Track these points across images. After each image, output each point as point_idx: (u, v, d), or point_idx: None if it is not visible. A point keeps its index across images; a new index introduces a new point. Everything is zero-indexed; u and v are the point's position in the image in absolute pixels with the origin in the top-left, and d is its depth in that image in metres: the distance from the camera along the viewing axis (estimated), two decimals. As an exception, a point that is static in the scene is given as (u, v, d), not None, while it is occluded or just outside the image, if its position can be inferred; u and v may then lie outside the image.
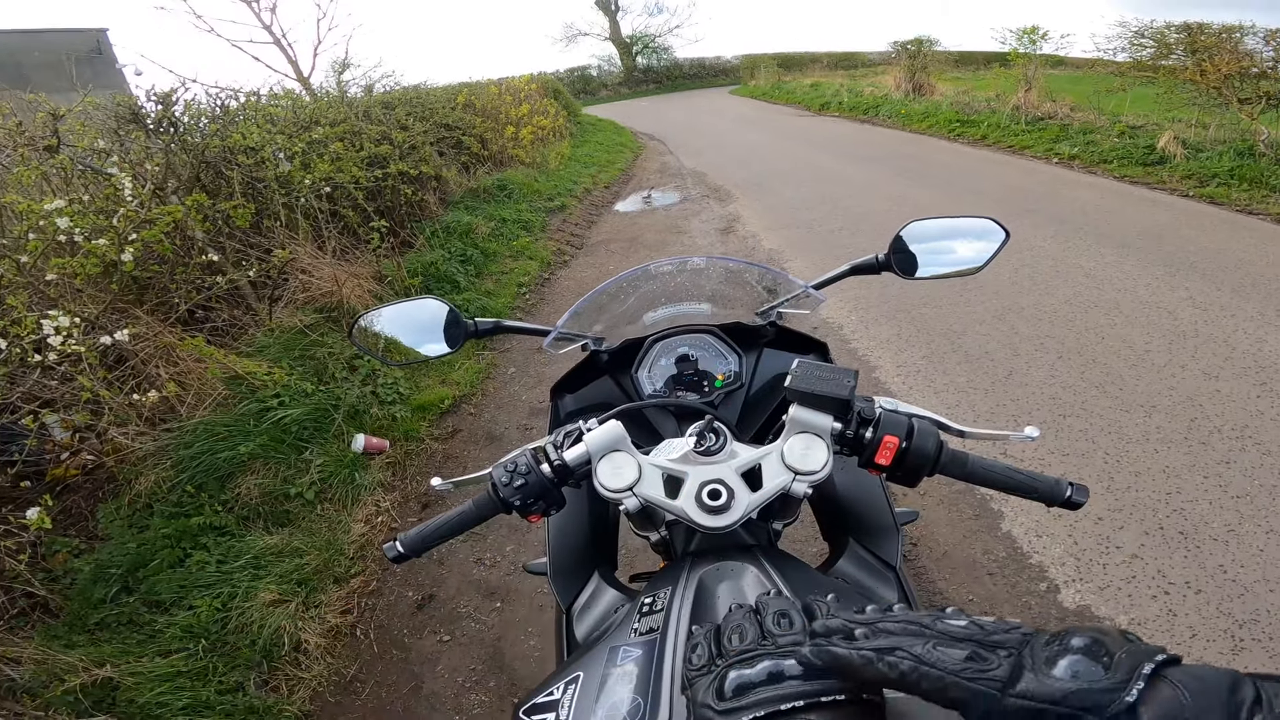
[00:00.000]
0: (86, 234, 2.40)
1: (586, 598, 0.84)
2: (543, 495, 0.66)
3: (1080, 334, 2.99)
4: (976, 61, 16.67)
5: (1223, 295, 3.22)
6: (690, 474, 0.66)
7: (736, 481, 0.64)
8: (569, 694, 0.54)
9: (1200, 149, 5.91)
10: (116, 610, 1.97)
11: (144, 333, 2.64)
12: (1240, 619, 1.62)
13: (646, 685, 0.51)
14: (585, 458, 0.67)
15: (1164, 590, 1.72)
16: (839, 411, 0.64)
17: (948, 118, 9.19)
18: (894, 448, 0.63)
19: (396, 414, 2.83)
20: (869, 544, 0.84)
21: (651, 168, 8.65)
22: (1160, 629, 1.62)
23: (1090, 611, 1.69)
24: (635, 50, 28.61)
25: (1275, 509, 1.93)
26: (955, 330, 3.13)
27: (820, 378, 0.64)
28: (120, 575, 2.07)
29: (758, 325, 1.01)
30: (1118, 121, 7.22)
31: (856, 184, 6.40)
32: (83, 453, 2.41)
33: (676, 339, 1.01)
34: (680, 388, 0.98)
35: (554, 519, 0.92)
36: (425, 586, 2.09)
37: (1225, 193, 4.95)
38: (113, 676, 1.70)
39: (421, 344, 0.93)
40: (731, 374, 0.98)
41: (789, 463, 0.64)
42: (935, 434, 0.64)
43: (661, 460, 0.68)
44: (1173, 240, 4.05)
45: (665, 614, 0.58)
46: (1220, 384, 2.52)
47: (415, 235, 4.74)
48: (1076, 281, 3.53)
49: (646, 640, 0.56)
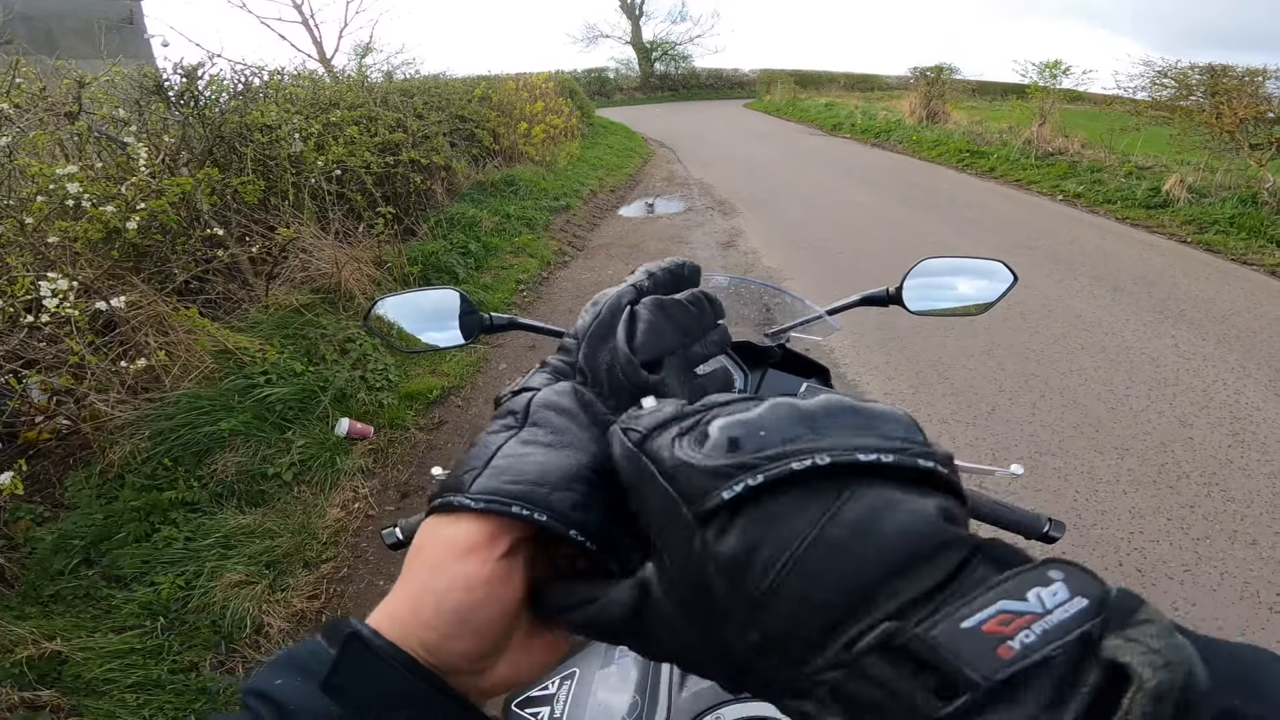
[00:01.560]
0: (94, 200, 2.42)
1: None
2: None
3: (1064, 375, 3.02)
4: (994, 92, 16.77)
5: (1206, 345, 3.26)
6: None
7: None
8: (564, 689, 0.56)
9: (1204, 194, 5.94)
10: (74, 583, 1.94)
11: (138, 301, 2.64)
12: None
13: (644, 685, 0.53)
14: None
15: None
16: None
17: (958, 147, 9.24)
18: None
19: (384, 400, 2.85)
20: None
21: (659, 175, 8.70)
22: None
23: None
24: (654, 56, 28.74)
25: (1231, 553, 1.97)
26: (944, 362, 3.16)
27: None
28: (83, 547, 2.04)
29: (767, 346, 1.03)
30: (1127, 161, 7.26)
31: (862, 208, 6.45)
32: (58, 417, 2.39)
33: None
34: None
35: None
36: (397, 575, 2.10)
37: (1223, 240, 5.00)
38: (62, 650, 1.67)
39: (434, 333, 0.93)
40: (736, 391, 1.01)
41: None
42: None
43: None
44: (1165, 286, 4.09)
45: None
46: (1194, 432, 2.56)
47: (419, 224, 4.77)
48: (1066, 322, 3.57)
49: None
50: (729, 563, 0.21)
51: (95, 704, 1.58)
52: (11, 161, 2.44)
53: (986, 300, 0.98)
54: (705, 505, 0.22)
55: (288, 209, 3.66)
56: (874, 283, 1.02)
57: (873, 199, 6.81)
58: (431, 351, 0.99)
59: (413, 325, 0.95)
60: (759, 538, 0.21)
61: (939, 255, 0.99)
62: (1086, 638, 0.18)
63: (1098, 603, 0.18)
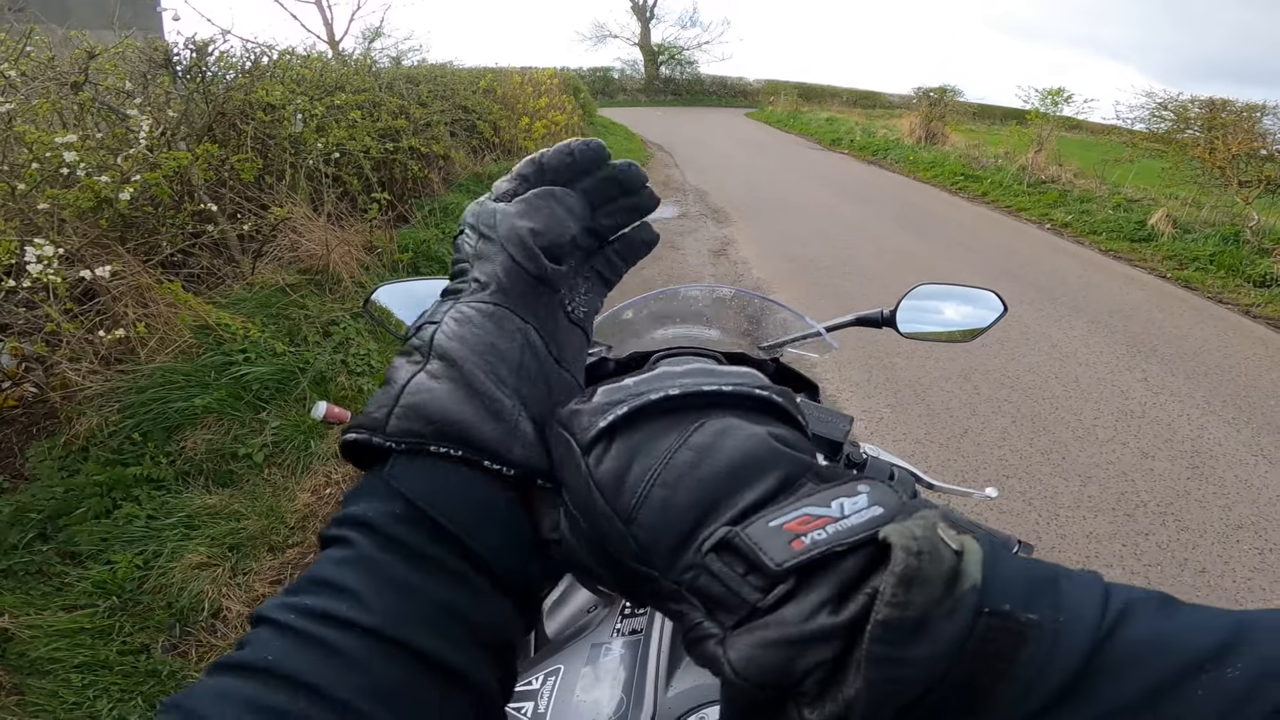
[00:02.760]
0: (89, 170, 2.40)
1: (559, 594, 0.86)
2: None
3: (1036, 402, 3.09)
4: (994, 116, 17.01)
5: (1175, 381, 3.34)
6: None
7: None
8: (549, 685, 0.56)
9: (1189, 229, 6.04)
10: (28, 558, 1.89)
11: (121, 271, 2.61)
12: None
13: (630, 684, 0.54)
14: None
15: None
16: (829, 452, 0.69)
17: (953, 170, 9.36)
18: None
19: (364, 386, 2.84)
20: None
21: (655, 179, 8.72)
22: None
23: None
24: (661, 60, 28.80)
25: (1182, 579, 2.04)
26: (922, 384, 3.22)
27: (818, 418, 0.69)
28: (40, 521, 1.98)
29: (761, 359, 1.05)
30: (1117, 193, 7.37)
31: (853, 225, 6.51)
32: (25, 384, 2.34)
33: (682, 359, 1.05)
34: None
35: None
36: None
37: (1201, 278, 5.10)
38: (8, 628, 1.63)
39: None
40: None
41: None
42: (912, 483, 0.71)
43: None
44: (1141, 321, 4.18)
45: (649, 618, 0.61)
46: (1155, 463, 2.63)
47: (413, 211, 4.75)
48: (1043, 351, 3.64)
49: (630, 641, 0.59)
50: (606, 481, 0.25)
51: (39, 683, 1.55)
52: (9, 128, 2.42)
53: (976, 327, 1.00)
54: (587, 435, 0.26)
55: (283, 189, 3.63)
56: (860, 300, 1.05)
57: (865, 216, 6.89)
58: None
59: (413, 313, 0.96)
60: (628, 459, 0.25)
61: (933, 281, 1.02)
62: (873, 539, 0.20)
63: (893, 511, 0.21)
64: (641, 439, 0.25)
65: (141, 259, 2.82)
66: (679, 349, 1.06)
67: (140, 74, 3.25)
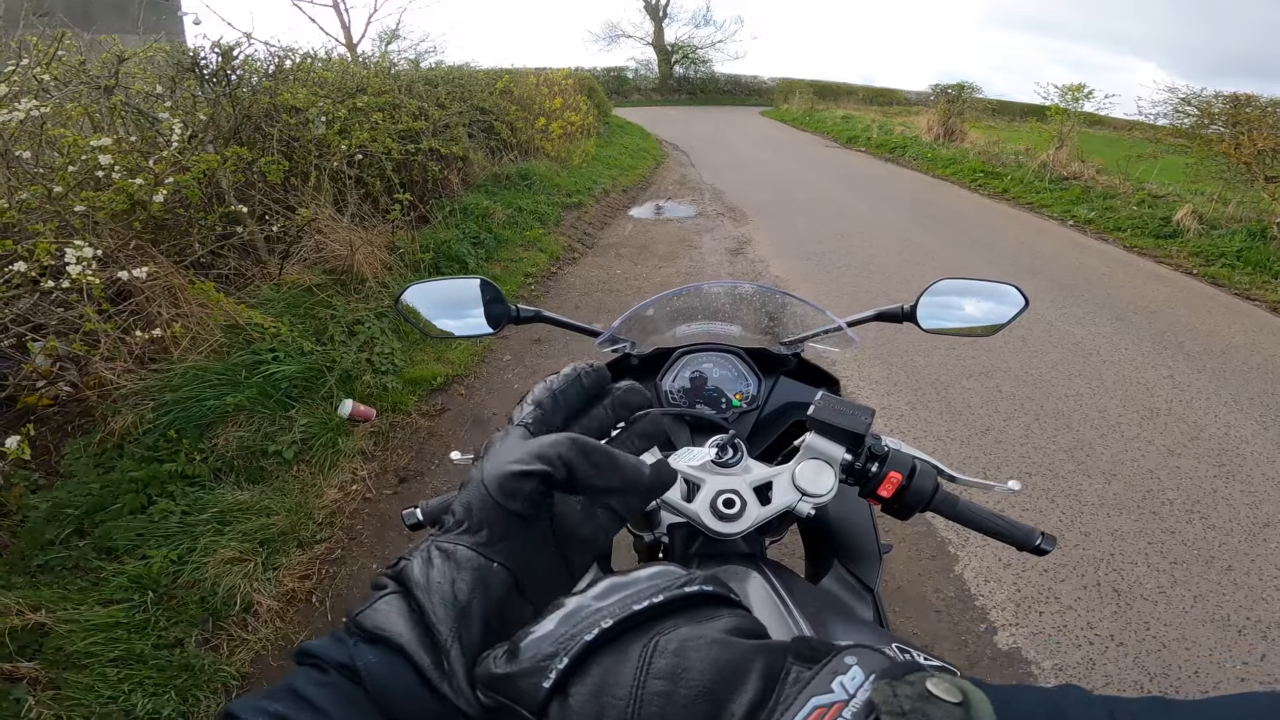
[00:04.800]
0: (123, 173, 2.45)
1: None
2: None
3: (1060, 400, 3.06)
4: (1013, 112, 16.73)
5: (1201, 379, 3.29)
6: (707, 482, 0.71)
7: (749, 494, 0.70)
8: None
9: (1215, 226, 5.91)
10: (65, 553, 1.90)
11: (156, 272, 2.67)
12: (1153, 672, 1.70)
13: None
14: None
15: (1089, 640, 1.80)
16: (851, 444, 0.70)
17: (973, 167, 9.24)
18: (896, 483, 0.69)
19: (388, 384, 2.89)
20: (851, 567, 0.88)
21: (671, 178, 8.73)
22: (1078, 675, 1.70)
23: (1020, 654, 1.76)
24: (674, 59, 28.75)
25: (1207, 577, 2.01)
26: (942, 381, 3.20)
27: (840, 411, 0.70)
28: (76, 517, 2.00)
29: (782, 354, 1.07)
30: (1141, 189, 7.22)
31: (872, 223, 6.47)
32: (60, 382, 2.38)
33: (704, 354, 1.06)
34: (697, 400, 1.04)
35: None
36: (391, 558, 2.10)
37: (1228, 274, 5.00)
38: (45, 623, 1.63)
39: (461, 320, 0.97)
40: (749, 396, 1.04)
41: (798, 484, 0.70)
42: (934, 476, 0.71)
43: (682, 465, 0.71)
44: (1167, 318, 4.11)
45: None
46: (1181, 461, 2.59)
47: (434, 212, 4.81)
48: (1066, 348, 3.60)
49: None
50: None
51: (75, 677, 1.56)
52: (44, 132, 2.49)
53: (997, 322, 1.01)
54: (537, 698, 0.25)
55: (308, 190, 3.69)
56: (878, 298, 1.06)
57: (883, 214, 6.84)
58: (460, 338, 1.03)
59: (441, 311, 0.98)
60: (595, 709, 0.24)
61: (953, 276, 1.02)
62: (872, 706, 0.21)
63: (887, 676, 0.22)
64: (598, 682, 0.24)
65: (174, 260, 2.88)
66: (700, 345, 1.08)
67: (168, 78, 3.32)
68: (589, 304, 4.14)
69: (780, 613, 0.61)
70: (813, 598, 0.68)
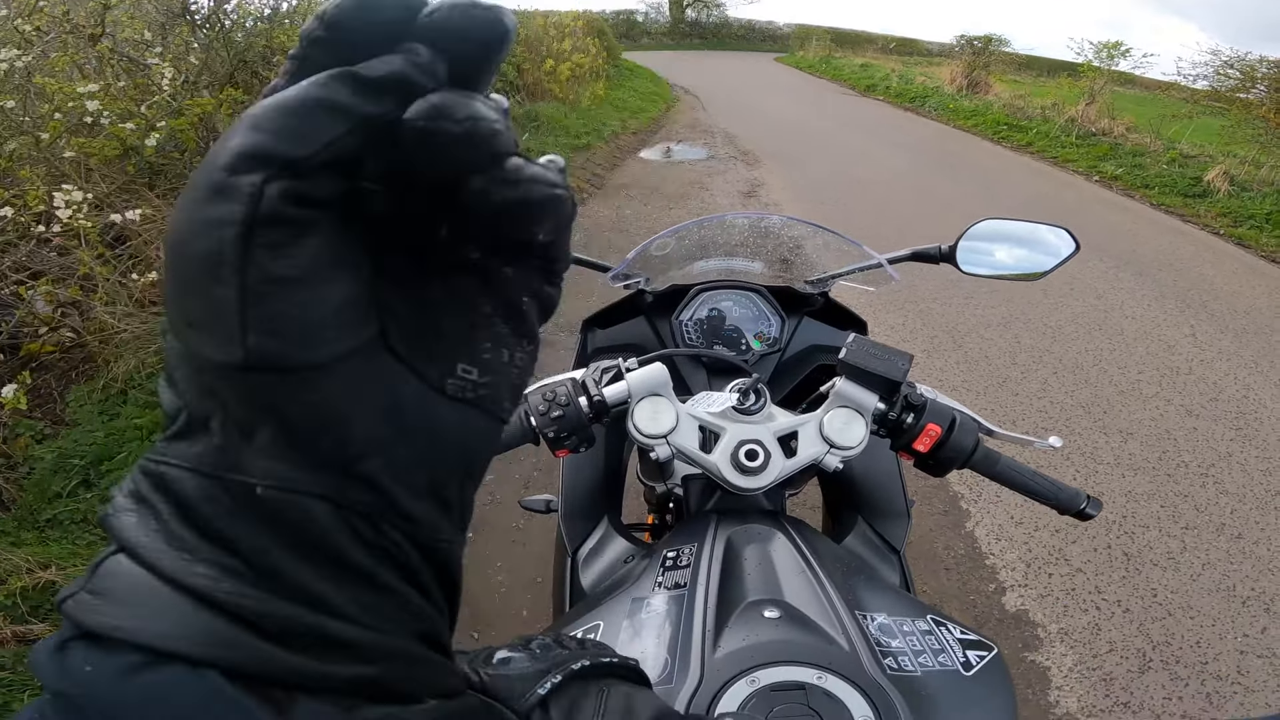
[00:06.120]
0: (113, 119, 2.40)
1: (594, 543, 0.83)
2: (577, 430, 0.63)
3: (1079, 354, 3.00)
4: (1042, 68, 16.07)
5: (1224, 339, 3.21)
6: (728, 431, 0.65)
7: (773, 445, 0.64)
8: None
9: (1246, 188, 5.75)
10: (72, 506, 1.83)
11: (151, 215, 2.59)
12: (1156, 640, 1.69)
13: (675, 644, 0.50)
14: (624, 397, 0.65)
15: (1096, 605, 1.79)
16: (886, 392, 0.65)
17: (996, 119, 8.91)
18: (934, 437, 0.64)
19: None
20: (877, 525, 0.84)
21: (682, 121, 8.44)
22: (1083, 640, 1.69)
23: (1027, 617, 1.76)
24: (686, 2, 27.48)
25: (1217, 544, 1.99)
26: (960, 330, 3.14)
27: (875, 356, 0.65)
28: (82, 467, 1.93)
29: (808, 293, 1.00)
30: (1172, 148, 7.01)
31: (889, 170, 6.27)
32: (63, 329, 2.32)
33: (722, 292, 1.00)
34: (715, 341, 0.97)
35: (570, 459, 0.89)
36: None
37: (1256, 236, 4.86)
38: (55, 580, 1.56)
39: None
40: (771, 337, 0.98)
41: (827, 434, 0.64)
42: (975, 430, 0.65)
43: (700, 412, 0.66)
44: (1191, 276, 4.00)
45: (693, 571, 0.57)
46: (1199, 422, 2.55)
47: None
48: (1087, 302, 3.52)
49: (673, 595, 0.55)
50: None
51: None
52: (30, 81, 2.42)
53: (1042, 268, 0.94)
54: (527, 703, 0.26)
55: None
56: (895, 245, 1.00)
57: (901, 163, 6.61)
58: None
59: None
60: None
61: (996, 216, 0.95)
62: None
63: None
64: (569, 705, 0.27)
65: (170, 204, 2.82)
66: (719, 282, 1.01)
67: (158, 24, 3.23)
68: (598, 244, 4.06)
69: (806, 576, 0.56)
70: (838, 561, 0.63)
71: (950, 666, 0.50)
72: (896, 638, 0.51)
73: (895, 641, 0.51)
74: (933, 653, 0.50)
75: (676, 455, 0.66)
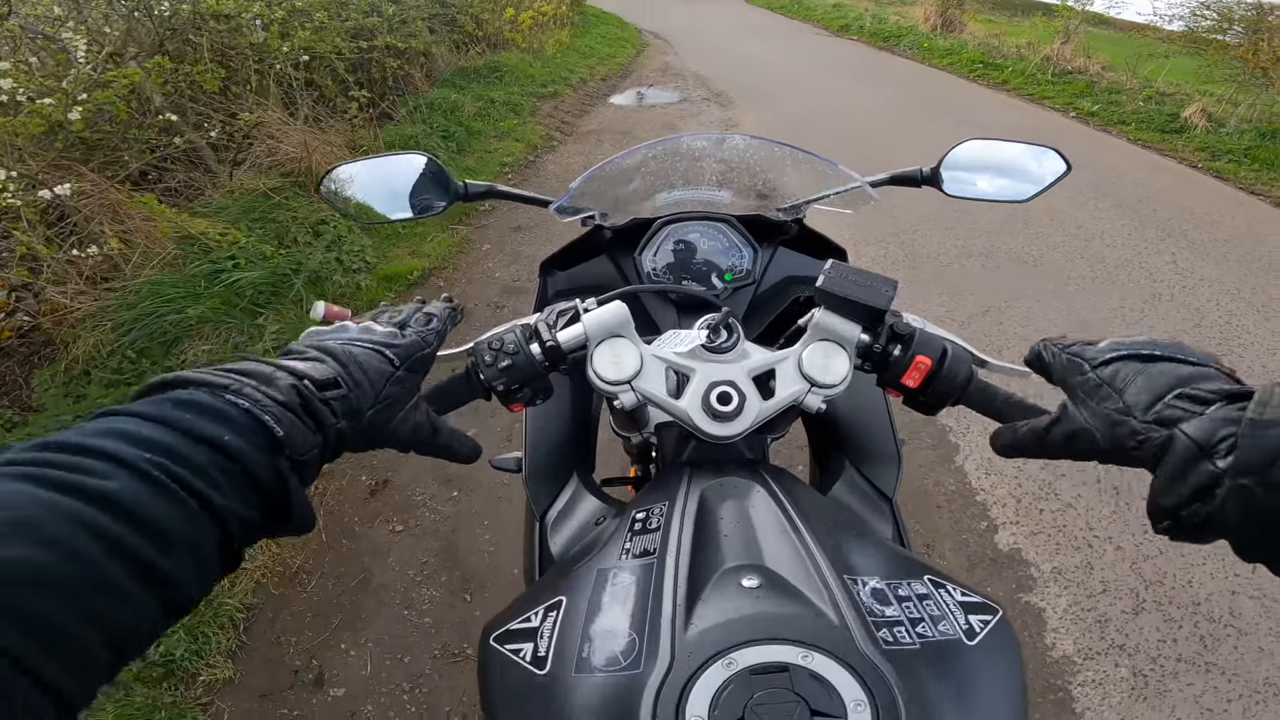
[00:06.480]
0: (31, 95, 2.35)
1: (564, 504, 0.77)
2: (530, 381, 0.57)
3: (1062, 282, 2.99)
4: (1015, 7, 15.74)
5: (1205, 265, 3.22)
6: (698, 371, 0.59)
7: (749, 386, 0.58)
8: (549, 622, 0.46)
9: (1223, 124, 5.77)
10: None
11: (89, 190, 2.52)
12: (1149, 579, 1.70)
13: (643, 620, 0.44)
14: (581, 341, 0.59)
15: (1088, 543, 1.79)
16: (869, 322, 0.59)
17: (972, 58, 8.74)
18: (925, 370, 0.57)
19: (361, 282, 2.76)
20: (866, 470, 0.78)
21: (653, 66, 8.14)
22: (1076, 579, 1.70)
23: (1020, 555, 1.76)
24: (654, -60, 26.27)
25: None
26: (941, 261, 3.12)
27: (856, 283, 0.58)
28: None
29: (780, 220, 0.92)
30: (1148, 86, 6.99)
31: (863, 108, 6.14)
32: (18, 313, 2.29)
33: (688, 224, 0.91)
34: (684, 276, 0.90)
35: (533, 411, 0.83)
36: (380, 471, 2.02)
37: (1234, 169, 4.86)
38: None
39: (402, 203, 0.83)
40: (743, 270, 0.90)
41: (806, 371, 0.58)
42: (969, 361, 0.59)
43: (667, 353, 0.60)
44: (1170, 207, 3.99)
45: (663, 534, 0.51)
46: (1183, 347, 2.56)
47: (396, 108, 4.48)
48: (1068, 231, 3.50)
49: (642, 564, 0.49)
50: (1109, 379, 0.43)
51: None
52: None
53: (1030, 190, 0.90)
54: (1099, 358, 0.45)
55: (250, 96, 3.47)
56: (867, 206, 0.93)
57: (875, 101, 6.47)
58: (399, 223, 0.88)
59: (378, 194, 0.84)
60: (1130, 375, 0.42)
61: (980, 137, 0.90)
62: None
63: None
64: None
65: (108, 177, 2.73)
66: (683, 214, 0.92)
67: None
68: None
69: (789, 537, 0.50)
70: (825, 515, 0.57)
71: (951, 635, 0.44)
72: (891, 605, 0.45)
73: (890, 609, 0.45)
74: (931, 620, 0.44)
75: (643, 402, 0.59)
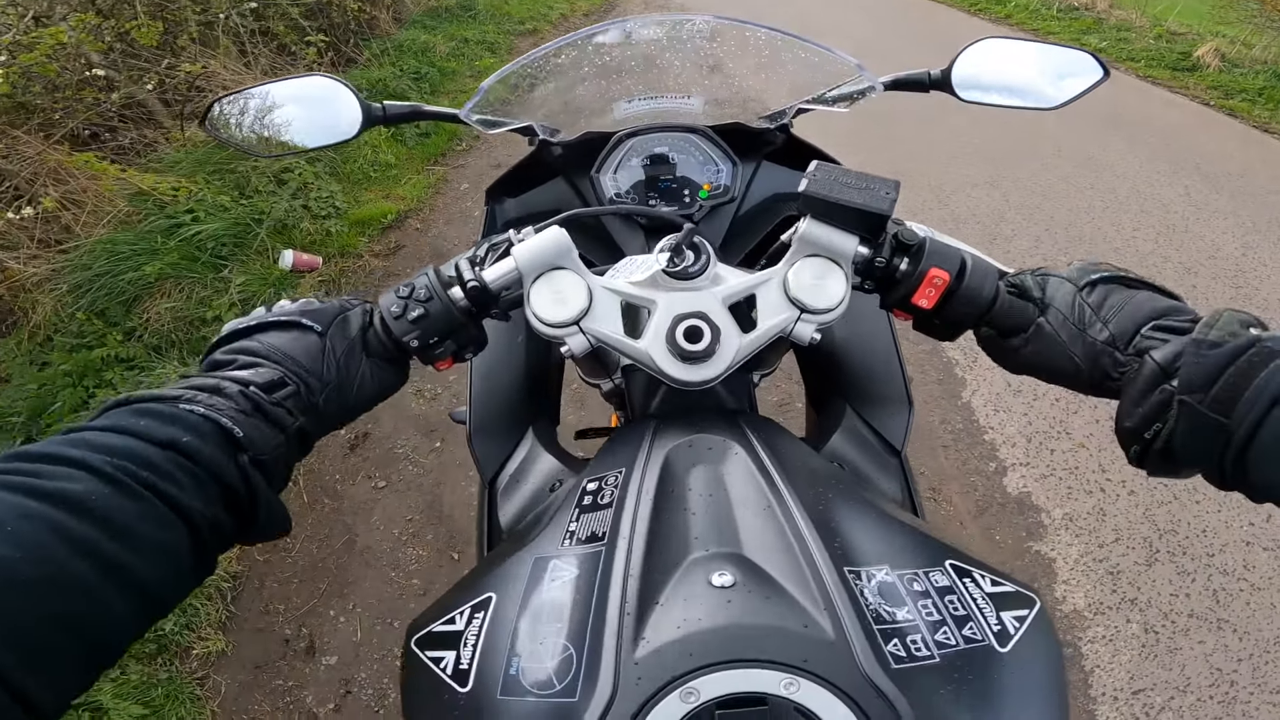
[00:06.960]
0: None
1: (516, 466, 0.63)
2: (451, 332, 0.46)
3: (1072, 212, 2.88)
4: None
5: (1219, 199, 3.09)
6: (660, 303, 0.46)
7: (724, 317, 0.46)
8: (475, 626, 0.36)
9: (1237, 65, 5.57)
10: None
11: (26, 153, 2.44)
12: (1162, 528, 1.63)
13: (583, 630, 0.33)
14: (515, 278, 0.47)
15: (1100, 487, 1.72)
16: (867, 232, 0.47)
17: (973, -10, 8.38)
18: (941, 286, 0.46)
19: (331, 229, 2.63)
20: (870, 417, 0.64)
21: (632, 2, 7.75)
22: (1089, 526, 1.63)
23: (1029, 500, 1.68)
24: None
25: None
26: (946, 190, 3.00)
27: (849, 185, 0.47)
28: (23, 424, 1.86)
29: (763, 129, 0.76)
30: (1158, 25, 6.74)
31: (859, 42, 5.85)
32: None
33: (654, 136, 0.76)
34: (653, 196, 0.75)
35: (480, 362, 0.69)
36: (359, 424, 1.90)
37: (1247, 108, 4.68)
38: None
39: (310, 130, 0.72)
40: (721, 186, 0.75)
41: (793, 295, 0.47)
42: (993, 275, 0.47)
43: (620, 283, 0.48)
44: (1182, 141, 3.83)
45: (615, 511, 0.40)
46: (1197, 280, 2.48)
47: (360, 52, 4.22)
48: (1077, 162, 3.36)
49: (587, 554, 0.38)
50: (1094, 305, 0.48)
51: None
52: None
53: (1058, 97, 0.77)
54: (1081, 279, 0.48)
55: (195, 49, 3.27)
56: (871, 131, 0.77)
57: (872, 33, 6.19)
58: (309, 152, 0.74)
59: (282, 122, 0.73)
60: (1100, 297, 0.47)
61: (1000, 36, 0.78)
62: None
63: None
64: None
65: (44, 137, 2.64)
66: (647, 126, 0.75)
67: None
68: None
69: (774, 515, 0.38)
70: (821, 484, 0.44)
71: (979, 641, 0.33)
72: (904, 604, 0.34)
73: (902, 611, 0.33)
74: (955, 622, 0.33)
75: (596, 345, 0.47)
